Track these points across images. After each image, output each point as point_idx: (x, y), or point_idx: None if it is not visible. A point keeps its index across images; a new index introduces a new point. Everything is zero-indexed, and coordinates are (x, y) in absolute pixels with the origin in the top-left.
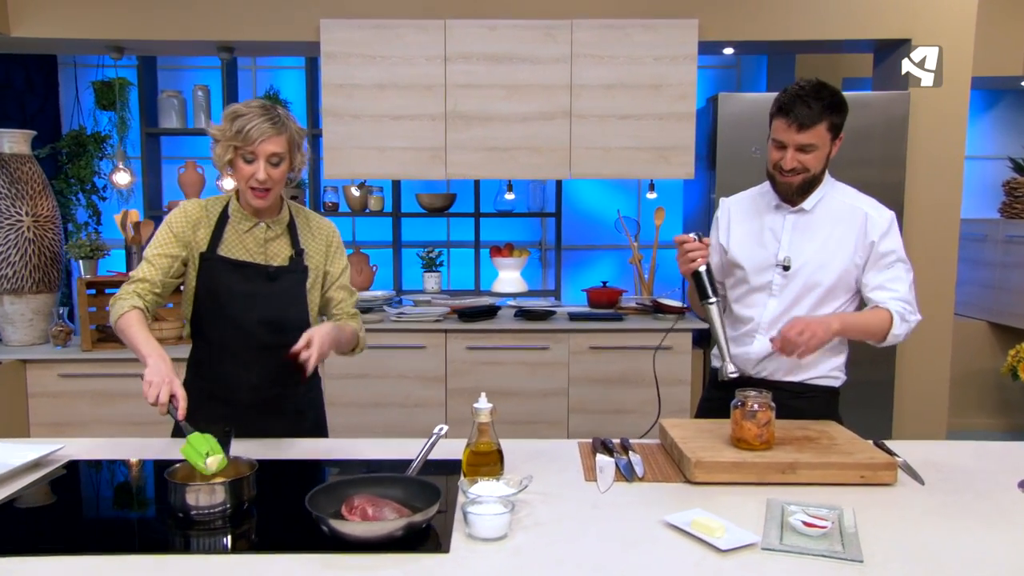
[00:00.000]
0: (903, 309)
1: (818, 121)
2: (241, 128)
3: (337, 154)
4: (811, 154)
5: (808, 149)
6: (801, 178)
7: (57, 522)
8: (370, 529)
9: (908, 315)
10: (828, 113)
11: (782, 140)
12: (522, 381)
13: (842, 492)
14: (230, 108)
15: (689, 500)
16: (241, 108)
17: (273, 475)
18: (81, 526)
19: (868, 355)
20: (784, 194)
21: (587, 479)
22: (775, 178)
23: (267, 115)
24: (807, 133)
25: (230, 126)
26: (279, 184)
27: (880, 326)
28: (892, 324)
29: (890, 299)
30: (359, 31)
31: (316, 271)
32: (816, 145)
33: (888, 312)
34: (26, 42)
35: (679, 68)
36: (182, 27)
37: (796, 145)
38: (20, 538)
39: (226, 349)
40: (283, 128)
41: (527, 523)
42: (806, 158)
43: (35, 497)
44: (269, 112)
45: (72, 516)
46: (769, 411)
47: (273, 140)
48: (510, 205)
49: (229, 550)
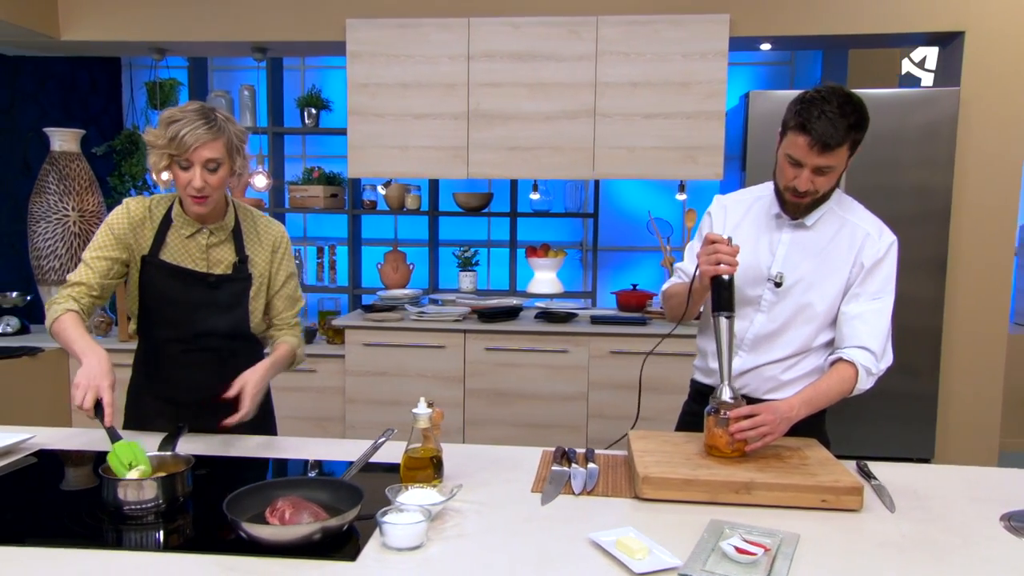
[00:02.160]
0: (869, 363)
1: (843, 142)
2: (175, 134)
3: (361, 153)
4: (828, 175)
5: (826, 171)
6: (811, 199)
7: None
8: (278, 533)
9: (875, 368)
10: (853, 132)
11: (800, 160)
12: (540, 384)
13: (800, 516)
14: (165, 113)
15: (629, 517)
16: (176, 113)
17: (219, 472)
18: (12, 516)
19: (910, 366)
20: (791, 212)
21: (534, 490)
22: (783, 195)
23: (203, 119)
24: (829, 156)
25: (164, 132)
26: (218, 190)
27: (842, 387)
28: (856, 382)
29: (863, 341)
30: (384, 30)
31: (261, 278)
32: (835, 167)
33: (852, 369)
34: (75, 45)
35: (709, 65)
36: (218, 29)
37: (815, 167)
38: None
39: (168, 350)
40: (219, 132)
41: (450, 534)
42: (822, 180)
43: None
44: (205, 116)
45: (9, 506)
46: None
47: (209, 146)
48: (547, 205)
49: (140, 547)
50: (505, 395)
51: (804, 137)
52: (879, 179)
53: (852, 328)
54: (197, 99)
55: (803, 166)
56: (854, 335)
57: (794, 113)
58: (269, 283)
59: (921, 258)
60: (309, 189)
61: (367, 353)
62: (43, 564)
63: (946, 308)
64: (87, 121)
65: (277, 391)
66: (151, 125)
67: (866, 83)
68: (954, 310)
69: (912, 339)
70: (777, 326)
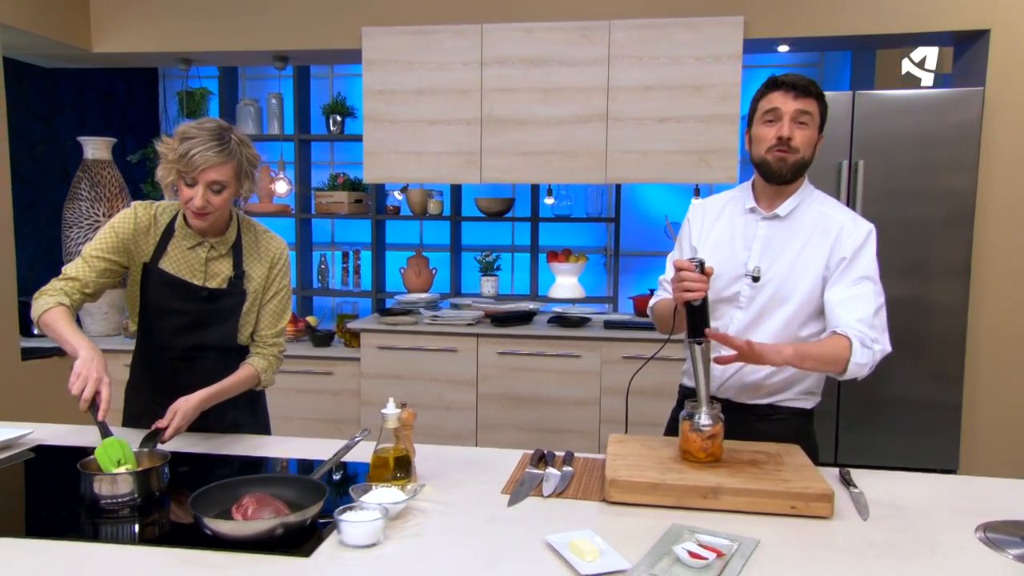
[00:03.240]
0: (862, 334)
1: (812, 93)
2: (186, 152)
3: (376, 159)
4: (804, 130)
5: (803, 120)
6: (794, 158)
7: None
8: (237, 528)
9: (870, 341)
10: (818, 93)
11: (777, 108)
12: (552, 389)
13: (767, 522)
14: (182, 127)
15: (592, 520)
16: (192, 130)
17: (201, 469)
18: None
19: (934, 373)
20: (778, 171)
21: (504, 492)
22: (766, 159)
23: (216, 141)
24: (805, 100)
25: (177, 146)
26: (220, 210)
27: (838, 354)
28: (851, 351)
29: (852, 321)
30: (398, 38)
31: (255, 294)
32: (811, 116)
33: (846, 339)
34: (106, 57)
35: (722, 68)
36: (241, 39)
37: (792, 113)
38: None
39: (162, 356)
40: (230, 156)
41: (409, 533)
42: (800, 133)
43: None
44: (220, 137)
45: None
46: (718, 423)
47: (216, 168)
48: (568, 210)
49: (109, 539)
50: (517, 399)
51: (778, 90)
52: (903, 182)
53: (836, 315)
54: (227, 107)
55: (781, 118)
56: (838, 320)
57: (765, 83)
58: (262, 298)
59: (945, 262)
60: (334, 195)
61: (382, 356)
62: (7, 554)
63: (971, 314)
64: (124, 130)
65: (295, 392)
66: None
67: (894, 84)
68: (979, 316)
69: (936, 345)
70: (756, 322)
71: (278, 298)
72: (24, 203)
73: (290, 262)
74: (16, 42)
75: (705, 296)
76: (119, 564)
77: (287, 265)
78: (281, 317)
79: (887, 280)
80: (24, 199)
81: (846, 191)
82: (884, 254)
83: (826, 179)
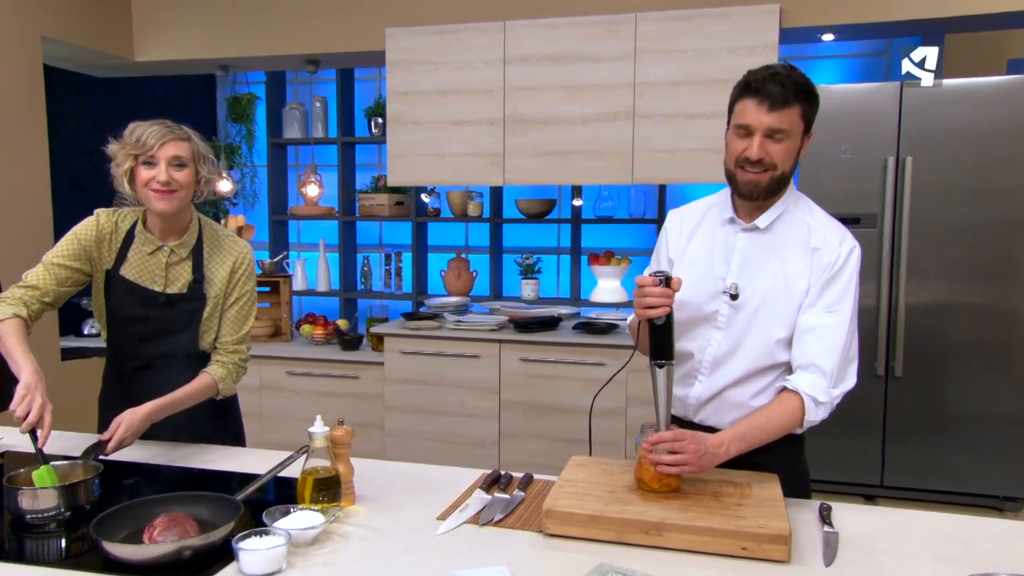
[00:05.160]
0: (817, 389)
1: (792, 102)
2: (140, 136)
3: (400, 161)
4: (781, 144)
5: (778, 137)
6: (769, 176)
7: None
8: (137, 552)
9: (825, 391)
10: (802, 96)
11: (749, 124)
12: (576, 397)
13: (715, 565)
14: (131, 124)
15: (518, 554)
16: (142, 123)
17: (151, 481)
18: None
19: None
20: (749, 194)
21: (440, 517)
22: (736, 177)
23: (167, 125)
24: (779, 114)
25: (129, 136)
26: (184, 189)
27: (789, 420)
28: (804, 412)
29: (810, 364)
30: (421, 38)
31: (216, 298)
32: (788, 132)
33: (798, 399)
34: (147, 65)
35: (756, 59)
36: (273, 44)
37: (765, 130)
38: None
39: (128, 364)
40: (184, 136)
41: (317, 561)
42: (776, 149)
43: None
44: (169, 124)
45: None
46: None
47: (174, 143)
48: (610, 211)
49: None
50: (540, 408)
51: (752, 99)
52: (957, 178)
53: (803, 344)
54: (274, 111)
55: (753, 133)
56: (804, 351)
57: (739, 84)
58: (224, 303)
59: (1011, 266)
60: (376, 197)
61: (405, 361)
62: None
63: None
64: None
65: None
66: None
67: (970, 72)
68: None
69: (1007, 355)
70: (736, 343)
71: (240, 303)
72: (81, 207)
73: (255, 267)
74: (62, 54)
75: (669, 313)
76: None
77: (251, 270)
78: (243, 324)
79: (952, 285)
80: (80, 203)
81: (892, 191)
82: (938, 257)
83: (870, 177)
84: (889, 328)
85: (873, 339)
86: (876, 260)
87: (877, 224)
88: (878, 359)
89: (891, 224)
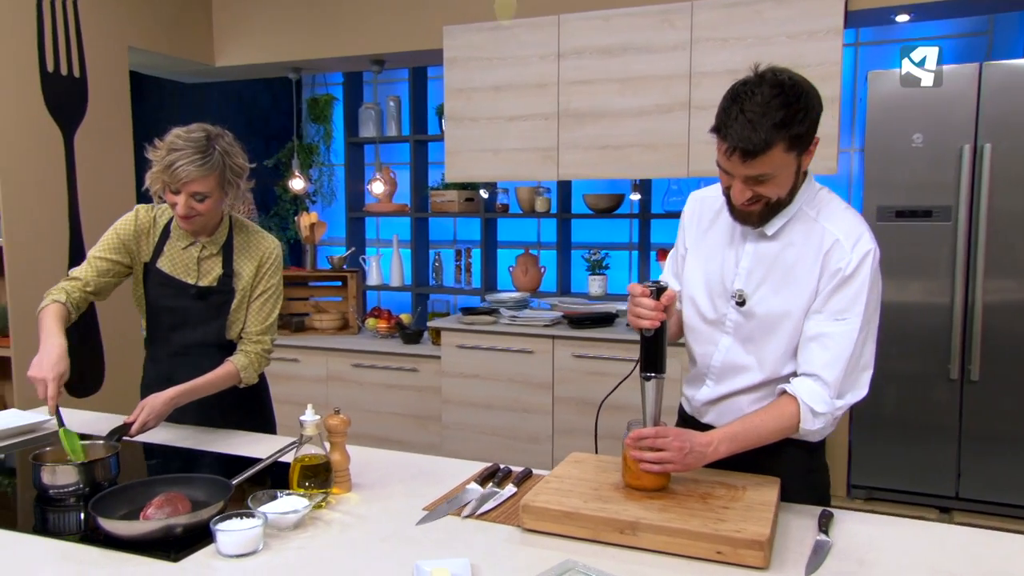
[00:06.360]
0: (817, 399)
1: (770, 145)
2: (170, 164)
3: (456, 158)
4: (767, 183)
5: (762, 179)
6: (763, 204)
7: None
8: (126, 527)
9: (823, 403)
10: (783, 131)
11: (726, 169)
12: (629, 395)
13: (688, 569)
14: (171, 135)
15: (489, 548)
16: (178, 141)
17: (172, 463)
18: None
19: None
20: (743, 222)
21: (426, 507)
22: (729, 205)
23: (200, 155)
24: (754, 163)
25: (164, 156)
26: (204, 215)
27: (784, 425)
28: (800, 420)
29: (812, 374)
30: (477, 35)
31: (244, 292)
32: (770, 174)
33: (795, 406)
34: (226, 70)
35: (820, 45)
36: (339, 45)
37: (743, 178)
38: None
39: (163, 352)
40: (212, 169)
41: (294, 544)
42: (762, 188)
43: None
44: (203, 151)
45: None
46: None
47: (198, 181)
48: (679, 205)
49: (25, 529)
50: (594, 404)
51: (723, 144)
52: None
53: (808, 352)
54: (351, 111)
55: (734, 177)
56: (808, 360)
57: (719, 110)
58: (250, 295)
59: None
60: (446, 194)
61: (461, 355)
62: None
63: None
64: (269, 136)
65: (382, 388)
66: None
67: None
68: None
69: None
70: (743, 350)
71: (265, 296)
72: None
73: (281, 263)
74: (148, 62)
75: (660, 326)
76: (14, 550)
77: (277, 265)
78: (268, 316)
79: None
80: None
81: (968, 181)
82: (1019, 252)
83: (943, 167)
84: (964, 329)
85: (947, 341)
86: (950, 256)
87: (951, 217)
88: (952, 362)
89: (967, 217)
